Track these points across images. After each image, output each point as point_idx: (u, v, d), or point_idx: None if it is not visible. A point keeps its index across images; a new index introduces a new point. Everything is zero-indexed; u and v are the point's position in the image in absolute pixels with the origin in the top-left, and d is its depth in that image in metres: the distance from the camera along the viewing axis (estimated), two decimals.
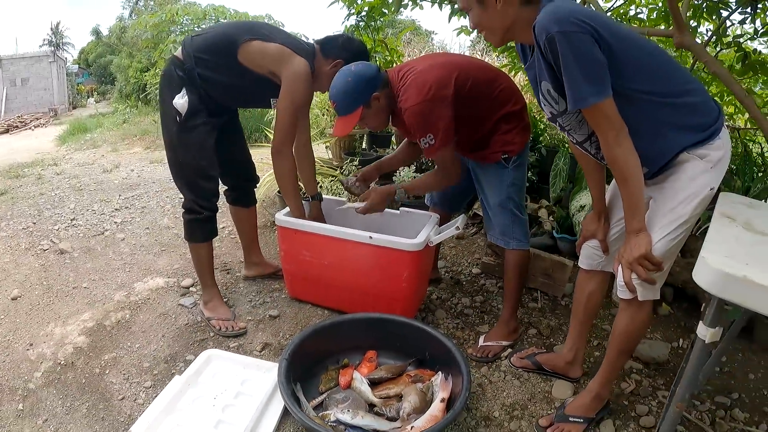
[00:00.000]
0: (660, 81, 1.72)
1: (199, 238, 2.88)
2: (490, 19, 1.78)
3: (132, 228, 4.54)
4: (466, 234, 4.27)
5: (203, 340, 2.75)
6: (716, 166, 1.72)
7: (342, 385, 2.28)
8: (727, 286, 1.25)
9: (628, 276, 1.77)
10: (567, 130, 1.93)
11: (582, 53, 1.58)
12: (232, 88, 2.71)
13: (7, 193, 5.87)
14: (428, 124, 2.34)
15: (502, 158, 2.52)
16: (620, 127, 1.66)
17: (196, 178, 2.75)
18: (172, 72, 2.64)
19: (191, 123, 2.65)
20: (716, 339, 1.39)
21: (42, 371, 2.51)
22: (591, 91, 1.61)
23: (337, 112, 2.48)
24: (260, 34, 2.60)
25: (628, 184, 1.71)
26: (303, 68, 2.57)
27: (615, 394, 2.33)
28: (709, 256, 1.31)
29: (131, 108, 16.01)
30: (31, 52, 23.54)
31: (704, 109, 1.76)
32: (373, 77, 2.39)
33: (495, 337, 2.68)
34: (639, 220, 1.74)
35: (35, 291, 3.32)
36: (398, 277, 2.67)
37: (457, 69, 2.40)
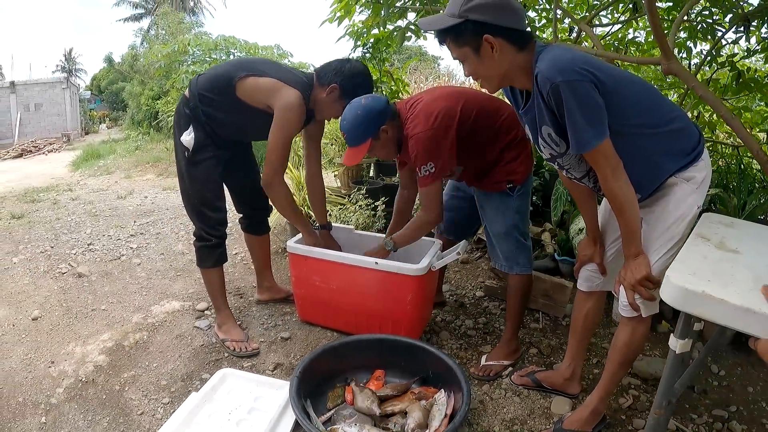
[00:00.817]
0: (649, 113, 1.83)
1: (209, 263, 3.00)
2: (487, 68, 1.83)
3: (147, 253, 4.68)
4: (471, 258, 4.38)
5: (218, 360, 2.87)
6: (701, 186, 1.86)
7: (348, 402, 2.39)
8: (687, 301, 1.36)
9: (632, 297, 1.87)
10: (566, 168, 2.02)
11: (584, 101, 1.67)
12: (234, 123, 2.81)
13: (25, 217, 6.04)
14: (431, 153, 2.43)
15: (507, 187, 2.61)
16: (616, 163, 1.76)
17: (203, 207, 2.89)
18: (180, 110, 2.81)
19: (197, 158, 2.80)
20: (686, 350, 1.52)
21: (64, 387, 2.63)
22: (593, 134, 1.70)
23: (347, 143, 2.60)
24: (255, 69, 2.70)
25: (625, 215, 1.82)
26: (293, 98, 2.62)
27: (613, 409, 2.42)
28: (672, 274, 1.43)
29: (143, 135, 16.25)
30: (44, 78, 23.88)
31: (688, 134, 1.88)
32: (382, 110, 2.50)
33: (497, 357, 2.78)
34: (636, 245, 1.86)
35: (55, 312, 3.46)
36: (403, 300, 2.79)
37: (463, 99, 2.51)
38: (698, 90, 2.82)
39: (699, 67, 4.11)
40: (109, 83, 29.13)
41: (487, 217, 2.75)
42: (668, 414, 1.69)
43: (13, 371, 2.77)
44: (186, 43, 11.17)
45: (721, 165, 4.35)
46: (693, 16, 3.96)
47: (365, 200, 4.64)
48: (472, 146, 2.55)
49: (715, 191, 3.33)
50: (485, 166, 2.63)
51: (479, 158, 2.61)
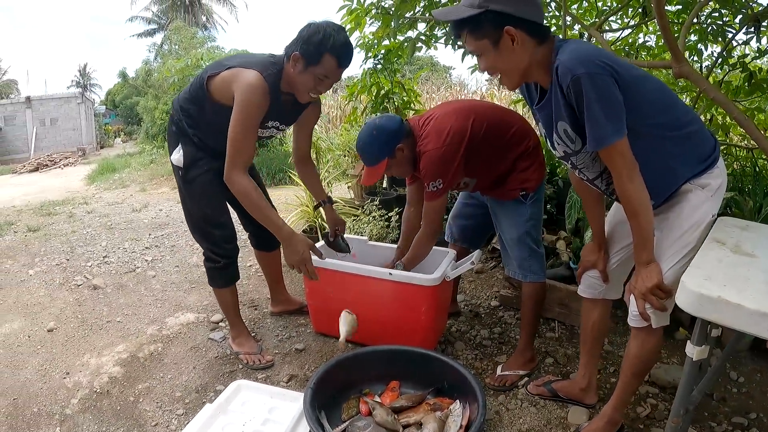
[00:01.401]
0: (666, 113, 1.80)
1: (220, 284, 2.98)
2: (507, 61, 1.77)
3: (162, 266, 4.71)
4: (485, 268, 4.36)
5: (232, 371, 2.87)
6: (716, 194, 1.82)
7: (363, 413, 2.38)
8: (703, 306, 1.34)
9: (642, 306, 1.83)
10: (580, 168, 1.98)
11: (605, 95, 1.64)
12: (218, 129, 2.53)
13: (41, 230, 6.10)
14: (441, 170, 2.50)
15: (520, 195, 2.63)
16: (633, 164, 1.73)
17: (206, 226, 2.83)
18: (169, 129, 2.77)
19: (192, 174, 2.72)
20: (703, 356, 1.49)
21: (78, 398, 2.64)
22: (611, 130, 1.66)
23: (363, 163, 2.67)
24: (221, 66, 2.52)
25: (639, 219, 1.78)
26: (250, 79, 2.39)
27: (630, 418, 2.39)
28: (687, 279, 1.41)
29: (158, 148, 16.33)
30: (59, 93, 24.21)
31: (704, 139, 1.85)
32: (397, 130, 2.55)
33: (512, 367, 2.76)
34: (648, 252, 1.81)
35: (70, 324, 3.48)
36: (417, 310, 2.78)
37: (473, 113, 2.54)
38: (710, 92, 2.81)
39: (710, 70, 4.09)
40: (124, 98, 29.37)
41: (501, 225, 2.76)
42: (686, 422, 1.67)
43: (28, 382, 2.79)
44: (199, 57, 11.25)
45: (735, 168, 4.31)
46: (703, 19, 3.94)
47: (379, 211, 4.64)
48: (484, 158, 2.58)
49: (730, 195, 3.28)
50: (498, 176, 2.66)
51: (492, 169, 2.64)
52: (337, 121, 9.61)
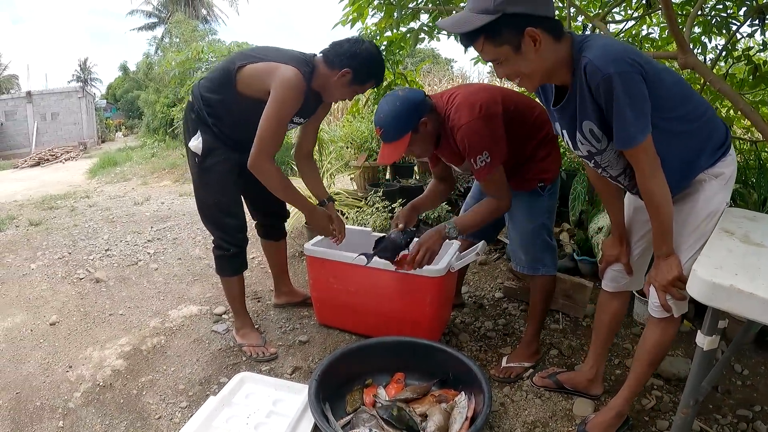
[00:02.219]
0: (683, 106, 1.77)
1: (228, 272, 2.97)
2: (531, 64, 1.67)
3: (165, 258, 4.69)
4: (489, 260, 4.35)
5: (236, 363, 2.86)
6: (728, 182, 1.82)
7: (367, 404, 2.36)
8: (716, 295, 1.33)
9: (663, 298, 1.82)
10: (603, 166, 1.93)
11: (635, 94, 1.59)
12: (240, 120, 2.65)
13: (42, 224, 6.09)
14: (484, 141, 2.30)
15: (538, 186, 2.55)
16: (655, 160, 1.69)
17: (220, 215, 2.84)
18: (187, 116, 2.76)
19: (209, 162, 2.72)
20: (714, 347, 1.48)
21: (81, 391, 2.63)
22: (639, 129, 1.63)
23: (383, 139, 2.42)
24: (251, 57, 2.57)
25: (660, 214, 1.76)
26: (290, 75, 2.45)
27: (636, 410, 2.38)
28: (699, 268, 1.39)
29: (159, 142, 16.36)
30: (60, 88, 24.20)
31: (716, 126, 1.84)
32: (422, 101, 2.36)
33: (517, 359, 2.74)
34: (669, 245, 1.80)
35: (73, 317, 3.47)
36: (422, 301, 2.77)
37: (500, 93, 2.44)
38: (716, 84, 2.80)
39: (714, 62, 4.07)
40: (125, 92, 29.40)
41: (515, 218, 2.66)
42: (694, 413, 1.65)
43: (30, 375, 2.78)
44: (199, 50, 11.20)
45: (739, 161, 4.29)
46: (707, 11, 3.92)
47: (382, 202, 4.62)
48: (509, 140, 2.42)
49: (735, 187, 3.27)
50: (518, 162, 2.54)
51: (513, 155, 2.49)
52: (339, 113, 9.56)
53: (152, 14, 36.77)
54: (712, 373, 1.61)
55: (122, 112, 31.96)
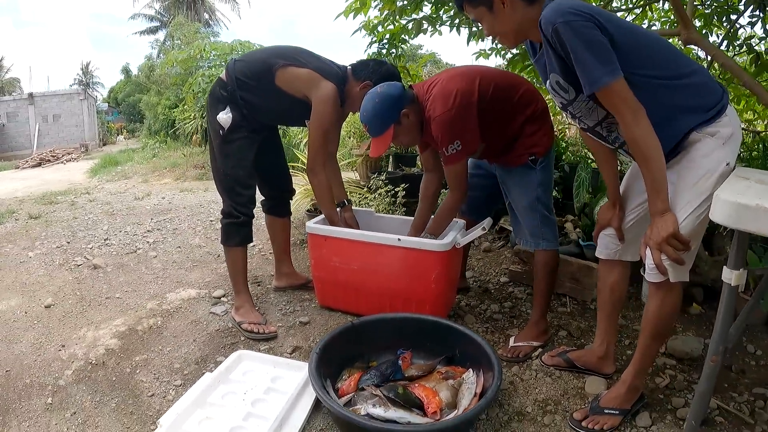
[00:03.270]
0: (663, 65, 1.80)
1: (234, 242, 2.98)
2: (501, 22, 1.92)
3: (164, 247, 4.61)
4: (493, 247, 4.28)
5: (234, 343, 2.77)
6: (728, 142, 1.76)
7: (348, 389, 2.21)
8: (741, 217, 1.31)
9: (658, 257, 1.76)
10: (578, 117, 2.01)
11: (588, 38, 1.67)
12: (272, 109, 2.90)
13: (42, 217, 6.00)
14: (455, 132, 2.42)
15: (529, 160, 2.55)
16: (637, 107, 1.71)
17: (235, 185, 2.92)
18: (216, 91, 2.87)
19: (232, 136, 2.85)
20: (742, 281, 1.43)
21: (73, 369, 2.54)
22: (604, 71, 1.68)
23: (369, 134, 2.58)
24: (294, 59, 2.78)
25: (650, 164, 1.74)
26: (330, 92, 2.72)
27: (650, 389, 2.30)
28: (722, 194, 1.39)
29: (160, 143, 16.27)
30: (62, 90, 24.26)
31: (708, 89, 1.81)
32: (400, 95, 2.49)
33: (525, 338, 2.66)
34: (663, 200, 1.76)
35: (69, 300, 3.38)
36: (427, 278, 2.69)
37: (479, 75, 2.49)
38: (719, 58, 2.79)
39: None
40: (126, 95, 29.31)
41: (511, 193, 2.69)
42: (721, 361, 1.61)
43: (22, 355, 2.69)
44: (202, 48, 11.15)
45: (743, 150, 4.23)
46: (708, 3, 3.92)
47: (385, 187, 4.55)
48: (491, 122, 2.50)
49: None
50: (506, 141, 2.59)
51: (500, 134, 2.57)
52: None
53: (154, 18, 36.86)
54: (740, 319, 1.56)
55: (123, 116, 31.86)
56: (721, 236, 2.98)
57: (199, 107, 10.93)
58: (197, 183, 8.67)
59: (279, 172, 3.29)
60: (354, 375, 2.29)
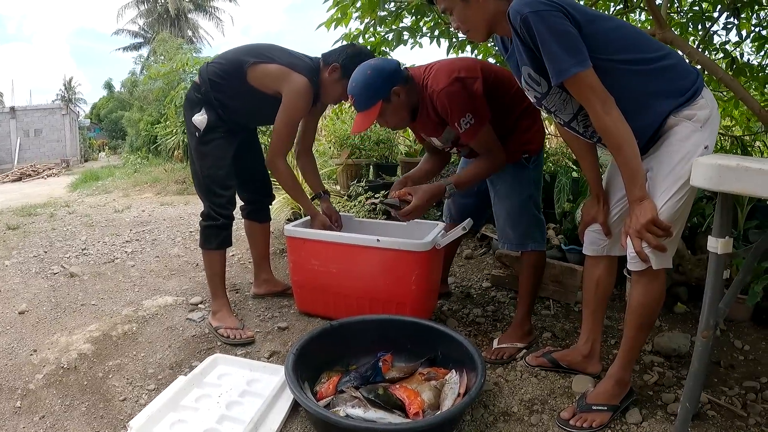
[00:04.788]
0: (632, 50, 1.79)
1: (213, 244, 2.90)
2: (474, 14, 1.91)
3: (142, 257, 4.53)
4: (475, 254, 4.24)
5: (210, 349, 2.69)
6: (705, 124, 1.76)
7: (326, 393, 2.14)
8: (723, 178, 1.32)
9: (639, 245, 1.74)
10: (553, 111, 1.98)
11: (555, 28, 1.67)
12: (246, 108, 2.87)
13: (20, 228, 5.92)
14: (464, 104, 2.27)
15: (522, 157, 2.51)
16: (605, 96, 1.71)
17: (214, 186, 2.85)
18: (191, 95, 2.86)
19: (208, 137, 2.81)
20: (728, 250, 1.44)
21: (44, 374, 2.46)
22: (571, 62, 1.68)
23: (355, 108, 2.40)
24: (264, 56, 2.75)
25: (623, 152, 1.74)
26: (301, 84, 2.69)
27: (638, 386, 2.26)
28: (702, 159, 1.41)
29: (142, 159, 16.15)
30: (44, 104, 24.06)
31: (681, 72, 1.81)
32: (394, 70, 2.34)
33: (509, 340, 2.61)
34: (640, 187, 1.74)
35: (43, 307, 3.30)
36: (407, 279, 2.63)
37: (480, 63, 2.45)
38: (694, 56, 2.83)
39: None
40: (109, 112, 29.13)
41: (500, 193, 2.60)
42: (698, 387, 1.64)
43: None
44: (185, 62, 11.12)
45: None
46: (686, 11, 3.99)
47: (366, 193, 4.51)
48: (490, 110, 2.38)
49: None
50: (501, 135, 2.48)
51: (495, 127, 2.44)
52: None
53: (138, 34, 36.86)
54: (728, 294, 1.54)
55: (106, 133, 31.63)
56: (703, 234, 2.96)
57: (181, 121, 10.87)
58: (178, 197, 8.57)
59: (258, 177, 3.23)
60: (333, 378, 2.21)
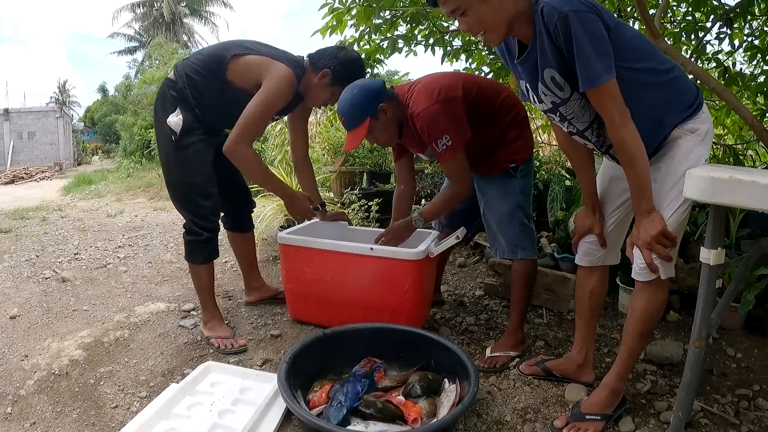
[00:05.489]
0: (647, 60, 1.79)
1: (199, 259, 2.82)
2: (494, 12, 1.72)
3: (135, 262, 4.51)
4: (468, 263, 4.24)
5: (202, 356, 2.68)
6: (705, 138, 1.79)
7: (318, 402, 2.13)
8: (716, 190, 1.33)
9: (649, 257, 1.76)
10: (569, 119, 1.92)
11: (593, 31, 1.62)
12: (224, 107, 2.66)
13: (12, 232, 5.91)
14: (442, 125, 2.33)
15: (510, 167, 2.52)
16: (623, 107, 1.70)
17: (194, 196, 2.71)
18: (165, 93, 2.66)
19: (186, 141, 2.64)
20: (720, 261, 1.44)
21: (35, 380, 2.44)
22: (603, 68, 1.64)
23: (345, 127, 2.50)
24: (246, 49, 2.62)
25: (636, 165, 1.73)
26: (284, 71, 2.54)
27: (631, 394, 2.26)
28: (695, 171, 1.42)
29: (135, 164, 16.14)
30: (38, 107, 23.94)
31: (686, 85, 1.83)
32: (379, 89, 2.43)
33: (502, 348, 2.61)
34: (648, 199, 1.75)
35: (35, 312, 3.28)
36: (400, 288, 2.63)
37: (463, 77, 2.48)
38: (687, 66, 2.84)
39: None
40: (103, 115, 29.07)
41: (489, 202, 2.63)
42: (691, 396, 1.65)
43: None
44: None
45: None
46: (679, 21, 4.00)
47: (359, 201, 4.51)
48: (474, 126, 2.44)
49: None
50: (487, 147, 2.55)
51: (481, 139, 2.51)
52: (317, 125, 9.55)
53: (133, 38, 36.85)
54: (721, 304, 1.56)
55: (99, 136, 31.55)
56: (696, 243, 2.97)
57: None
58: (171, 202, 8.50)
59: (236, 187, 3.09)
60: (325, 386, 2.20)
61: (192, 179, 2.68)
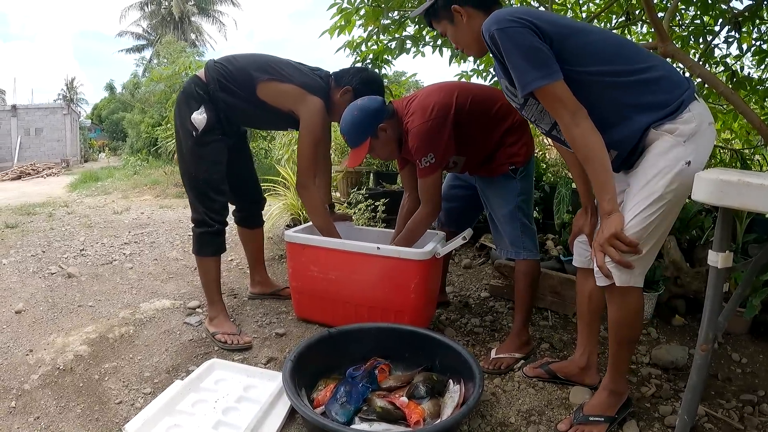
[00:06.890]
0: (610, 62, 1.78)
1: (208, 252, 2.87)
2: (463, 34, 2.05)
3: (140, 259, 4.53)
4: (474, 264, 4.24)
5: (207, 353, 2.69)
6: (690, 139, 1.70)
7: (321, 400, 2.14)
8: (725, 193, 1.32)
9: (601, 259, 1.75)
10: (533, 121, 2.05)
11: (520, 44, 1.72)
12: (253, 115, 2.88)
13: (18, 227, 5.93)
14: (430, 144, 2.45)
15: (509, 169, 2.56)
16: (575, 108, 1.72)
17: (208, 190, 2.80)
18: (192, 90, 2.75)
19: (207, 138, 2.74)
20: (728, 264, 1.42)
21: (39, 374, 2.46)
22: (535, 75, 1.71)
23: (348, 144, 2.65)
24: (277, 74, 2.73)
25: (591, 163, 1.74)
26: (318, 107, 2.71)
27: (636, 398, 2.26)
28: (704, 174, 1.41)
29: (142, 161, 16.16)
30: (45, 103, 23.95)
31: (666, 85, 1.77)
32: (379, 109, 2.55)
33: (507, 350, 2.61)
34: (609, 200, 1.73)
35: (40, 307, 3.29)
36: (406, 288, 2.63)
37: (457, 89, 2.54)
38: (695, 69, 2.84)
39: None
40: (110, 113, 29.13)
41: (491, 203, 2.68)
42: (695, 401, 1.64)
43: None
44: (187, 66, 11.12)
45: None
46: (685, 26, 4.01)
47: (366, 201, 4.51)
48: (470, 135, 2.54)
49: None
50: (486, 153, 2.61)
51: (480, 146, 2.59)
52: None
53: (141, 36, 36.92)
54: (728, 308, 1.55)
55: (106, 134, 31.60)
56: (702, 247, 2.96)
57: None
58: (177, 200, 8.57)
59: (248, 182, 3.22)
60: (330, 385, 2.21)
61: (208, 175, 2.78)
